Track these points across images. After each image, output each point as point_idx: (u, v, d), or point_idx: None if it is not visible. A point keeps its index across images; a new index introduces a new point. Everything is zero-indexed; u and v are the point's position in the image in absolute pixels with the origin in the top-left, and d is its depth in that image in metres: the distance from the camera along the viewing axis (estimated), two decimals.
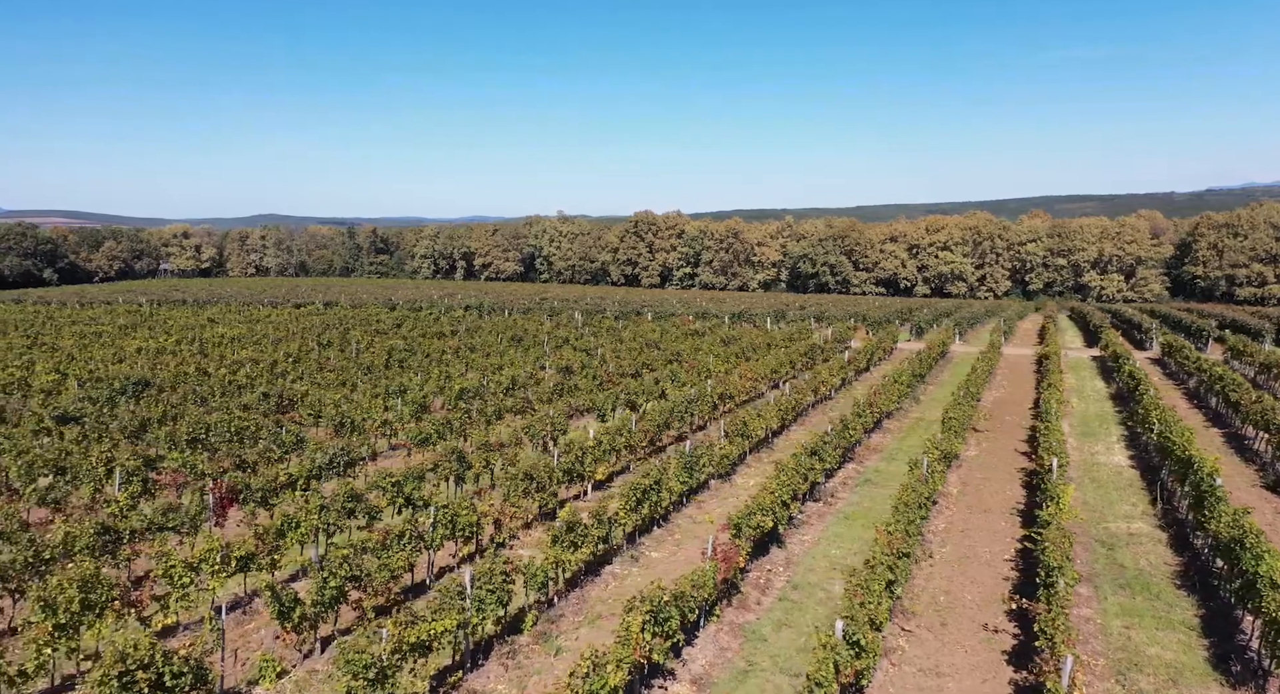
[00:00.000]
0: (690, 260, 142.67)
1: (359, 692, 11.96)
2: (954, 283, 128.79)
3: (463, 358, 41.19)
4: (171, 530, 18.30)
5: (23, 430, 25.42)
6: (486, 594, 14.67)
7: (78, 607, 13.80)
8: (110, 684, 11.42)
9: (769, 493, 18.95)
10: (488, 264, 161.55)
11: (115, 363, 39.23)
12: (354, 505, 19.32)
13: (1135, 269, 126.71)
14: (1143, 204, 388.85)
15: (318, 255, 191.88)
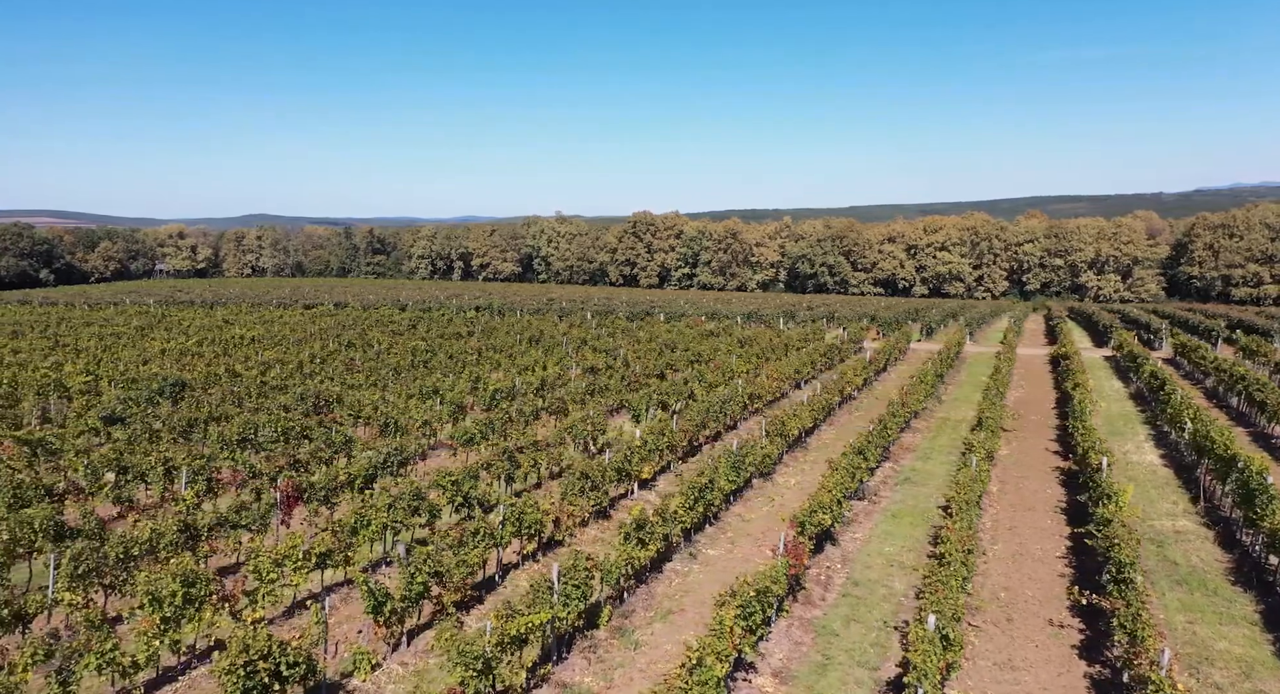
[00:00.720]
0: (689, 261, 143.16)
1: (470, 682, 12.34)
2: (951, 283, 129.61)
3: (487, 359, 41.51)
4: (244, 528, 18.63)
5: (72, 431, 25.68)
6: (572, 589, 15.07)
7: (180, 601, 14.17)
8: (237, 673, 11.82)
9: (826, 491, 19.37)
10: (485, 264, 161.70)
11: (142, 364, 39.41)
12: (418, 504, 19.68)
13: (1132, 269, 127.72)
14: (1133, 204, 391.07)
15: (314, 256, 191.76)
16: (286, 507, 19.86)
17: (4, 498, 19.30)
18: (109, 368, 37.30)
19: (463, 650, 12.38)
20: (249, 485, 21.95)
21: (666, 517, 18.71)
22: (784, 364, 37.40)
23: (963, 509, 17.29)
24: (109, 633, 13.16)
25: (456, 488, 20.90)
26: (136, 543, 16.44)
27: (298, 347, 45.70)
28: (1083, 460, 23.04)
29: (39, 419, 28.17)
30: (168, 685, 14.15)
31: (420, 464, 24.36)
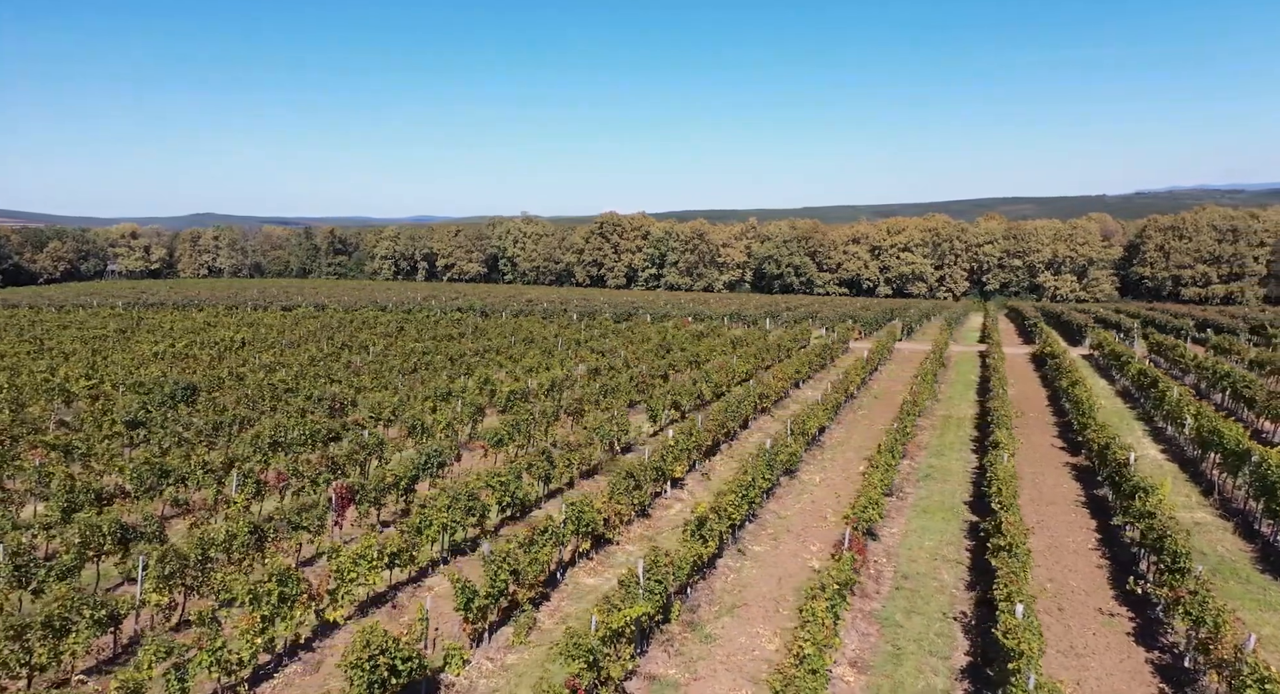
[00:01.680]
0: (655, 261, 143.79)
1: (584, 675, 12.77)
2: (915, 283, 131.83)
3: (489, 360, 41.67)
4: (304, 529, 18.81)
5: (96, 435, 25.52)
6: (654, 584, 15.55)
7: (276, 599, 14.42)
8: (363, 667, 12.16)
9: (871, 488, 20.05)
10: (451, 265, 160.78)
11: (135, 368, 38.95)
12: (472, 504, 20.00)
13: (1087, 270, 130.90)
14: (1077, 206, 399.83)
15: (273, 256, 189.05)
16: (340, 508, 20.07)
17: (58, 502, 19.28)
18: (107, 371, 36.86)
19: (577, 644, 12.81)
20: (290, 487, 22.12)
21: (721, 514, 19.22)
22: (787, 365, 38.12)
23: (1009, 503, 18.04)
24: (217, 631, 13.39)
25: (505, 488, 21.26)
26: (214, 544, 16.59)
27: (293, 349, 45.45)
28: (1100, 456, 24.00)
29: (56, 423, 27.87)
30: (265, 683, 14.38)
31: (455, 466, 24.60)
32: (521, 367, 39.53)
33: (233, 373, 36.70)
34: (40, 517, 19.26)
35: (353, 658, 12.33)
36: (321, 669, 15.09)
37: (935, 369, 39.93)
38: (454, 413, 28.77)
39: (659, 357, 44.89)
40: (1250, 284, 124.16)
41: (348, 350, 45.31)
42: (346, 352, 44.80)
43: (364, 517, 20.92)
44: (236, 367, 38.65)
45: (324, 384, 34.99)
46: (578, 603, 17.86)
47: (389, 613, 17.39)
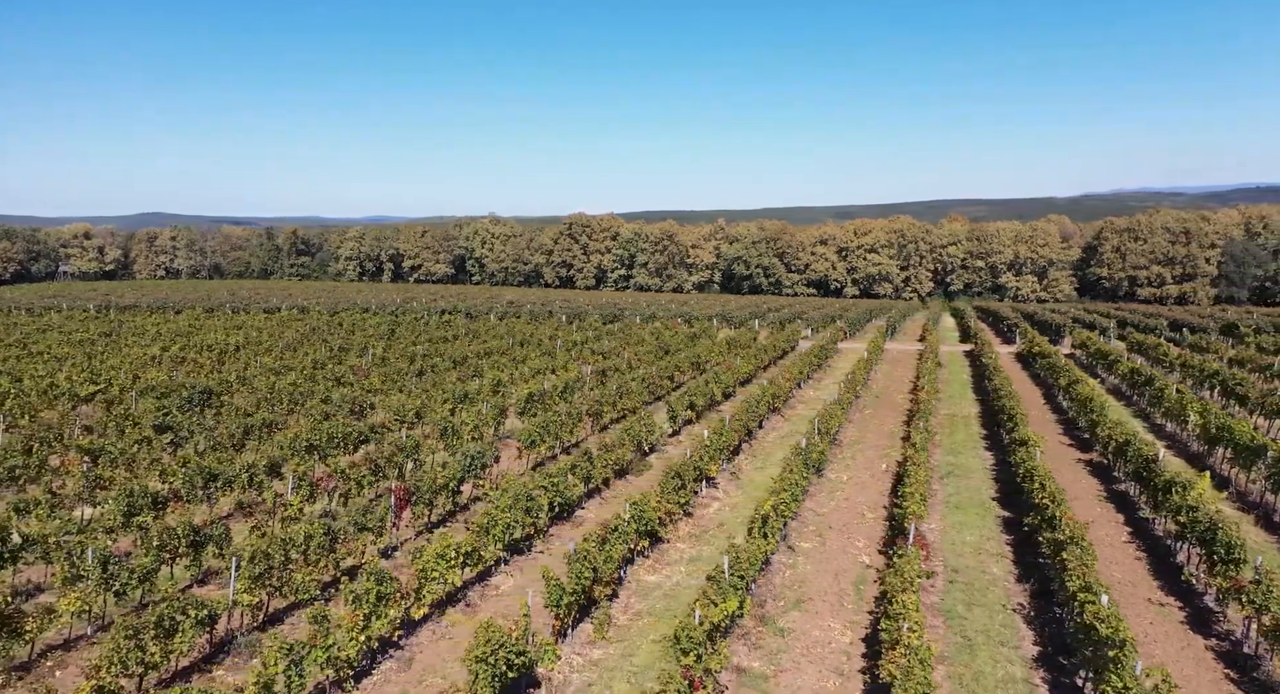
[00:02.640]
0: (625, 262, 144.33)
1: (695, 667, 13.21)
2: (881, 284, 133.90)
3: (493, 363, 41.81)
4: (369, 530, 19.01)
5: (128, 440, 25.39)
6: (736, 580, 16.04)
7: (374, 598, 14.69)
8: (488, 661, 12.54)
9: (916, 485, 20.73)
10: (417, 266, 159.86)
11: (138, 372, 38.53)
12: (530, 504, 20.32)
13: (1047, 270, 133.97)
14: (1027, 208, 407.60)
15: (233, 257, 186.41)
16: (399, 509, 20.29)
17: (119, 506, 19.27)
18: (110, 376, 36.44)
19: (690, 637, 13.26)
20: (338, 489, 22.27)
21: (778, 512, 19.76)
22: (791, 366, 38.83)
23: (1059, 498, 18.82)
24: (328, 630, 13.63)
25: (555, 489, 21.62)
26: (294, 545, 16.76)
27: (290, 353, 45.22)
28: (1119, 452, 24.94)
29: (81, 428, 27.62)
30: (365, 679, 14.63)
31: (494, 467, 24.89)
32: (528, 368, 39.78)
33: (240, 376, 36.50)
34: (101, 521, 19.21)
35: (477, 652, 12.69)
36: (413, 665, 15.37)
37: (934, 368, 40.90)
38: (479, 415, 28.95)
39: (658, 358, 45.41)
40: (1202, 284, 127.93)
41: (347, 353, 45.17)
42: (346, 354, 44.66)
43: (417, 517, 21.16)
44: (242, 370, 38.40)
45: (332, 387, 34.94)
46: (644, 600, 18.29)
47: (463, 611, 17.68)
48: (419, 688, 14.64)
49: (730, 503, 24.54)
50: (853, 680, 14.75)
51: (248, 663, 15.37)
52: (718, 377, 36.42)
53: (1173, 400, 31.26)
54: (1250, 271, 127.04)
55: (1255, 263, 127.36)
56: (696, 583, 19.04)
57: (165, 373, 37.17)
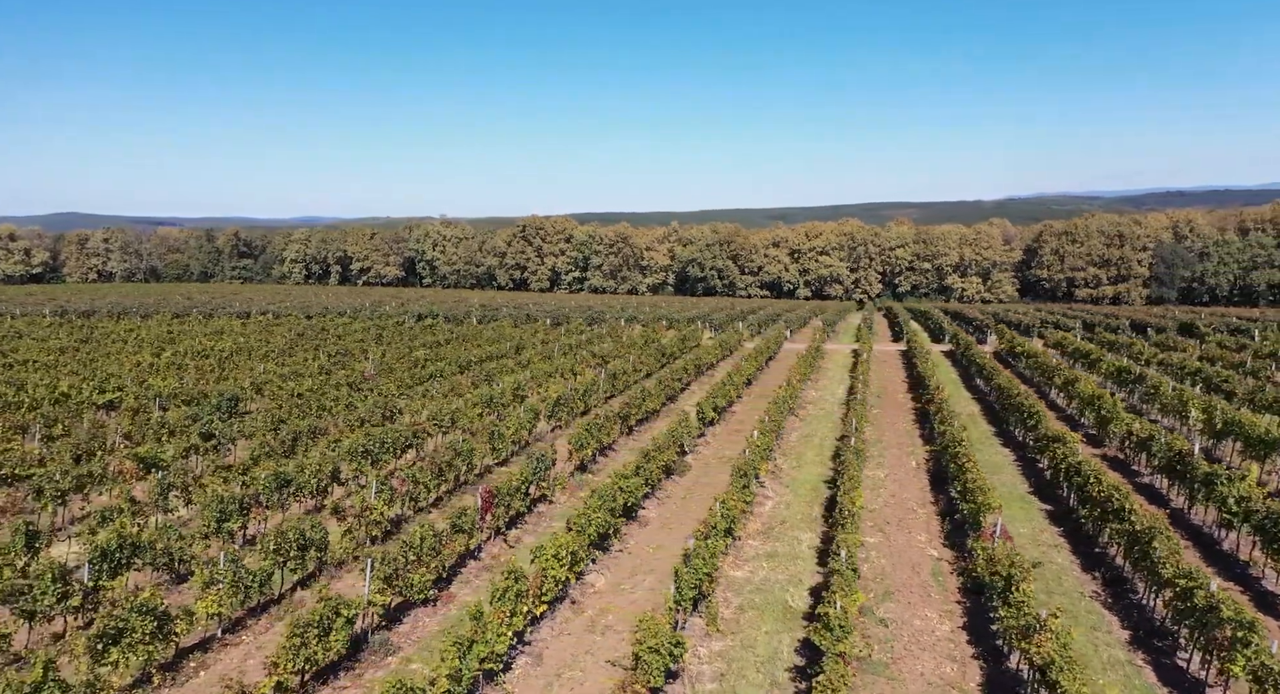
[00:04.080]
0: (579, 265, 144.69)
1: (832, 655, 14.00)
2: (832, 285, 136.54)
3: (501, 367, 42.03)
4: (464, 531, 19.40)
5: (178, 446, 25.27)
6: (850, 573, 16.86)
7: (513, 596, 15.18)
8: (660, 651, 13.21)
9: (980, 479, 21.81)
10: (367, 268, 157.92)
11: (142, 379, 37.93)
12: (613, 505, 20.91)
13: (990, 272, 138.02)
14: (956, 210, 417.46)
15: (170, 260, 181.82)
16: (484, 510, 20.69)
17: (211, 513, 19.34)
18: (115, 382, 35.86)
19: (842, 626, 14.03)
20: (410, 493, 22.56)
21: (851, 511, 20.65)
22: (795, 369, 39.90)
23: (1124, 490, 20.05)
24: (483, 626, 14.09)
25: (628, 490, 22.22)
26: (412, 548, 17.11)
27: (288, 357, 44.84)
28: (1142, 447, 26.41)
29: (121, 436, 27.30)
30: (506, 674, 15.10)
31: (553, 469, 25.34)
32: (539, 371, 40.14)
33: (255, 383, 36.23)
34: (199, 529, 19.27)
35: (648, 645, 13.32)
36: (545, 661, 15.88)
37: (934, 368, 42.34)
38: (519, 419, 29.36)
39: (657, 361, 46.15)
40: (1135, 285, 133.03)
41: (347, 358, 44.95)
42: (347, 359, 44.45)
43: (496, 519, 21.57)
44: (256, 377, 38.05)
45: (351, 393, 34.91)
46: (739, 594, 18.98)
47: (570, 607, 18.20)
48: (559, 682, 15.15)
49: (783, 501, 25.36)
50: (969, 667, 15.65)
51: (383, 660, 15.73)
52: (730, 378, 37.29)
53: (1169, 397, 33.00)
54: (1179, 273, 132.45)
55: (1183, 264, 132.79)
56: (781, 577, 19.86)
57: (174, 380, 36.68)
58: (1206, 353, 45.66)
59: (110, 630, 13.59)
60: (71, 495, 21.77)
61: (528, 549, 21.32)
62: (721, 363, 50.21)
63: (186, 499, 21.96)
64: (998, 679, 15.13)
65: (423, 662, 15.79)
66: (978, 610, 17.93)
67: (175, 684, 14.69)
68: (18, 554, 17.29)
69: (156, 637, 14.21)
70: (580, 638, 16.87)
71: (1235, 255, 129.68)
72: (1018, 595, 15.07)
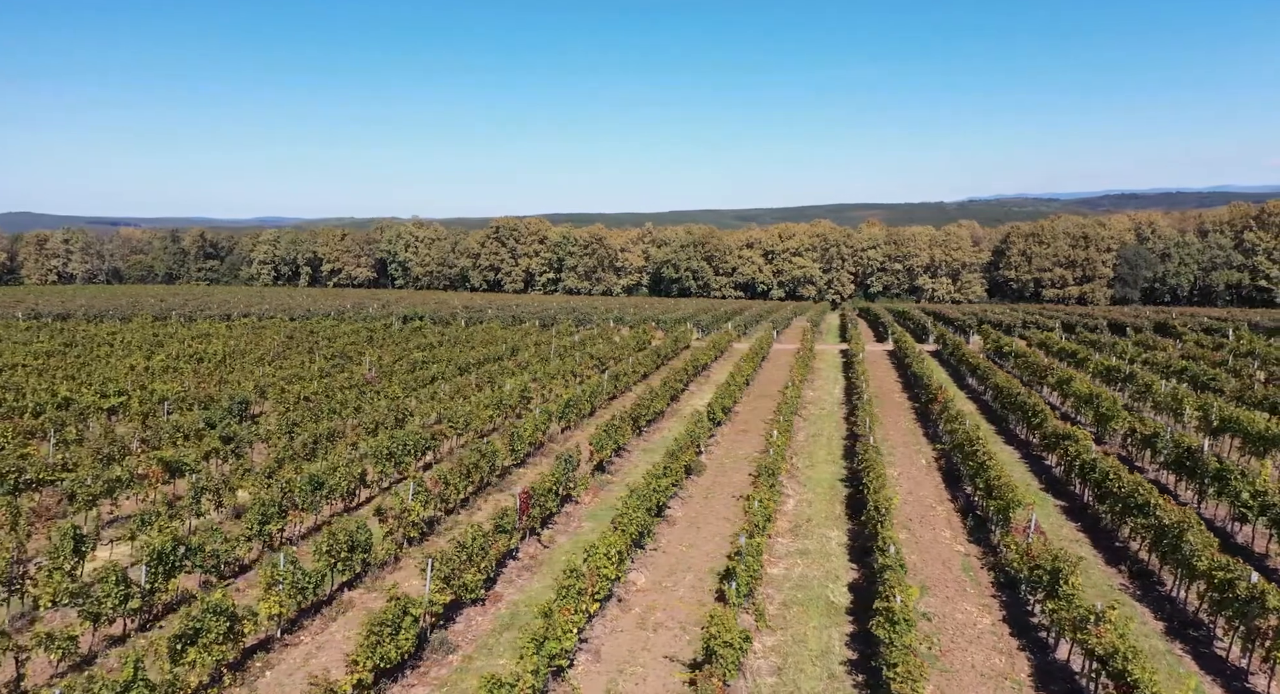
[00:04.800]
0: (554, 266, 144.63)
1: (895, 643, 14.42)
2: (805, 286, 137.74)
3: (502, 369, 42.09)
4: (506, 531, 19.61)
5: (200, 450, 25.19)
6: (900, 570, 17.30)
7: (575, 592, 15.46)
8: (733, 645, 13.59)
9: (1005, 474, 22.41)
10: (338, 270, 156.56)
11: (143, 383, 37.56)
12: (648, 503, 21.22)
13: (960, 273, 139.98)
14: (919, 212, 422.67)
15: (133, 261, 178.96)
16: (523, 511, 20.90)
17: (254, 516, 19.39)
18: (115, 386, 35.52)
19: (897, 621, 14.44)
20: (441, 494, 22.71)
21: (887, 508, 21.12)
22: (797, 368, 40.45)
23: (1148, 487, 20.71)
24: (553, 624, 14.34)
25: (659, 489, 22.54)
26: (464, 547, 17.30)
27: (283, 360, 44.59)
28: (1146, 443, 27.20)
29: (139, 441, 27.10)
30: (570, 670, 15.36)
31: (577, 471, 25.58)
32: (539, 372, 40.31)
33: (258, 387, 36.05)
34: (243, 531, 19.28)
35: (721, 639, 13.68)
36: (603, 657, 16.15)
37: (935, 368, 43.09)
38: (535, 420, 29.57)
39: (653, 362, 46.49)
40: (1099, 285, 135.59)
41: (344, 361, 44.78)
42: (345, 362, 44.29)
43: (532, 519, 21.78)
44: (258, 381, 37.84)
45: (356, 395, 34.86)
46: (780, 590, 19.33)
47: (616, 605, 18.48)
48: (623, 678, 15.42)
49: (804, 499, 25.79)
50: (1017, 658, 16.14)
51: (444, 659, 15.93)
52: (733, 379, 37.72)
53: (1162, 395, 33.92)
54: (1142, 273, 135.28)
55: (1146, 265, 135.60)
56: (817, 573, 20.26)
57: (176, 384, 36.37)
58: (1187, 352, 46.87)
59: (188, 631, 13.66)
60: (101, 500, 21.65)
61: (562, 549, 21.69)
62: (715, 363, 50.66)
63: (217, 502, 21.93)
64: (1046, 669, 15.64)
65: (484, 659, 16.03)
66: (1014, 603, 18.46)
67: (243, 684, 14.78)
68: (65, 558, 17.24)
69: (228, 637, 14.31)
70: (633, 635, 17.14)
71: (1195, 256, 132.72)
72: (1067, 588, 15.57)
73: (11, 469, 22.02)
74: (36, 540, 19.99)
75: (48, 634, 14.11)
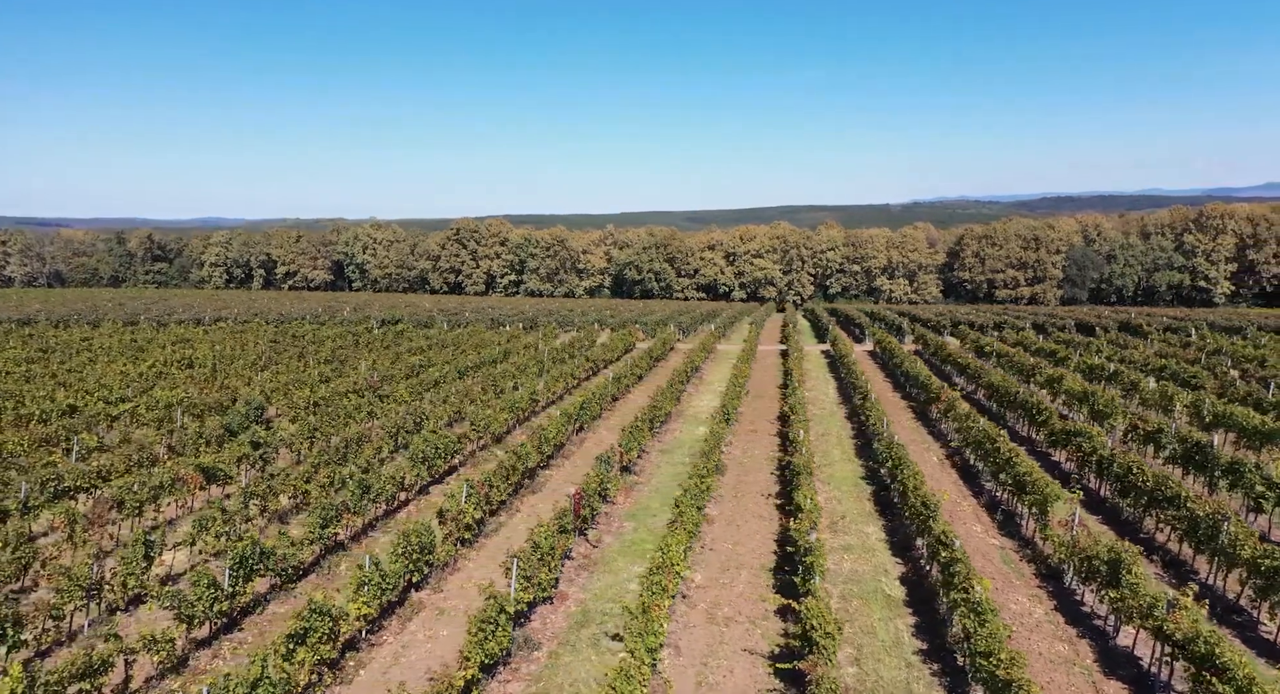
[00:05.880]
0: (515, 268, 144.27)
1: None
2: (766, 287, 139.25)
3: (503, 372, 42.13)
4: (567, 531, 19.93)
5: (229, 456, 25.08)
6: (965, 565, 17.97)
7: (660, 590, 15.89)
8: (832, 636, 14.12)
9: (1031, 471, 23.27)
10: (293, 272, 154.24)
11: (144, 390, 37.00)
12: (699, 503, 21.68)
13: (916, 274, 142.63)
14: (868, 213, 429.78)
15: (76, 264, 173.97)
16: (577, 511, 21.23)
17: (315, 519, 19.45)
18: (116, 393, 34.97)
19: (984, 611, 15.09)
20: (487, 496, 22.93)
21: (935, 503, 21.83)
22: (796, 369, 41.18)
23: (1178, 481, 21.71)
24: (649, 619, 14.74)
25: (702, 490, 23.03)
26: (539, 547, 17.60)
27: (279, 365, 44.18)
28: (1150, 438, 28.36)
29: (166, 448, 26.81)
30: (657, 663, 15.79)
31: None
32: (548, 375, 40.53)
33: (264, 392, 35.76)
34: (303, 535, 19.33)
35: (823, 630, 14.21)
36: (683, 651, 16.62)
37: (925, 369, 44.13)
38: (559, 423, 29.87)
39: (647, 364, 46.95)
40: (1049, 286, 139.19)
41: (340, 366, 44.49)
42: (343, 366, 44.02)
43: (582, 520, 22.10)
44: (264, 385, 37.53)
45: (369, 399, 34.78)
46: (835, 585, 19.89)
47: (681, 601, 18.90)
48: (709, 670, 15.91)
49: (833, 496, 26.41)
50: (1079, 645, 16.90)
51: (530, 655, 16.24)
52: (735, 380, 38.35)
53: (1150, 392, 35.27)
54: (1089, 274, 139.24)
55: (1093, 266, 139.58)
56: (866, 568, 20.89)
57: (181, 390, 35.90)
58: (1160, 351, 48.61)
59: (299, 631, 13.81)
60: (147, 505, 21.50)
61: (611, 548, 22.06)
62: (705, 365, 51.26)
63: (262, 507, 21.90)
64: (1110, 655, 16.41)
65: (569, 656, 16.36)
66: (1061, 594, 19.25)
67: (342, 682, 14.97)
68: (137, 563, 17.20)
69: (329, 637, 14.49)
70: (705, 630, 17.59)
71: (1139, 258, 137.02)
72: (1130, 577, 16.34)
73: (51, 477, 21.73)
74: (89, 548, 19.81)
75: (150, 636, 14.17)
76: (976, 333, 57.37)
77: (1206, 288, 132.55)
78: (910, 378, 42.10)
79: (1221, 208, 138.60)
